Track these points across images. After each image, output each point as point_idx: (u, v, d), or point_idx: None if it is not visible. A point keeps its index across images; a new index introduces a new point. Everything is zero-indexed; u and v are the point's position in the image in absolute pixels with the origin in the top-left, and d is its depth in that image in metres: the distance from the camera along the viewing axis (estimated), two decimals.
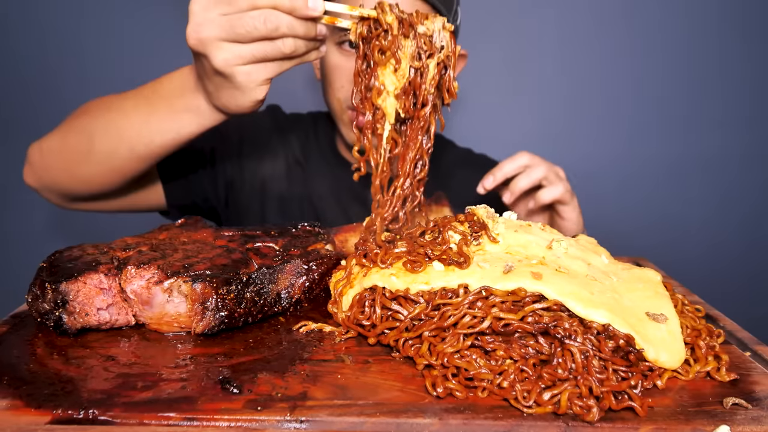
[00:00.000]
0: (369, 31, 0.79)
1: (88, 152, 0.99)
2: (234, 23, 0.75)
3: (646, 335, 0.62)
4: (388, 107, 0.79)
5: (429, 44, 0.79)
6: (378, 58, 0.78)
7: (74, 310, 0.67)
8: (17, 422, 0.53)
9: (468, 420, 0.55)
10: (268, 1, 0.74)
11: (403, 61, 0.78)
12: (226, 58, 0.77)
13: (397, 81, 0.78)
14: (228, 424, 0.53)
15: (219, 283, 0.68)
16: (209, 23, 0.75)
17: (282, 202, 1.29)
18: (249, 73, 0.79)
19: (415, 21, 0.78)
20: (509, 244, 0.73)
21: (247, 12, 0.75)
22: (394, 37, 0.77)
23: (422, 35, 0.78)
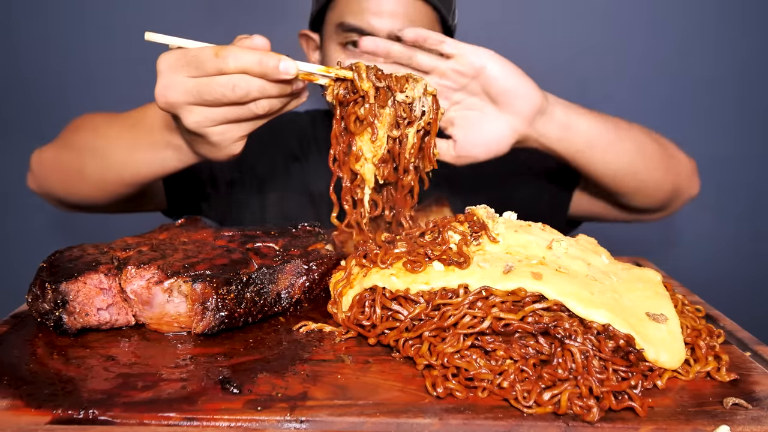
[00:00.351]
0: (346, 94, 0.75)
1: (80, 172, 0.99)
2: (201, 89, 0.71)
3: (646, 335, 0.62)
4: (367, 173, 0.77)
5: (408, 112, 0.75)
6: (354, 127, 0.75)
7: (74, 310, 0.67)
8: (17, 422, 0.53)
9: (468, 420, 0.55)
10: (236, 66, 0.69)
11: (380, 131, 0.75)
12: (197, 121, 0.74)
13: (375, 150, 0.75)
14: (228, 424, 0.53)
15: (219, 283, 0.68)
16: (176, 86, 0.72)
17: (281, 201, 1.28)
18: (222, 133, 0.77)
19: (394, 87, 0.74)
20: (509, 244, 0.73)
21: (214, 77, 0.70)
22: (371, 106, 0.74)
23: (401, 103, 0.75)
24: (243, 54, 0.69)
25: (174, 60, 0.72)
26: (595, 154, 0.98)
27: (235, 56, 0.69)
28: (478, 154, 0.94)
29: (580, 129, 0.95)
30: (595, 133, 0.96)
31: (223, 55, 0.69)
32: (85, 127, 1.02)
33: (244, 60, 0.69)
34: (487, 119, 0.92)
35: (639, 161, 1.02)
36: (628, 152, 1.00)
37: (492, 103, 0.91)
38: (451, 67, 0.88)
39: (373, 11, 1.11)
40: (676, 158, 1.09)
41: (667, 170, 1.07)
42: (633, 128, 1.02)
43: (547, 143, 0.95)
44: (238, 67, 0.69)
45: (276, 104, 0.76)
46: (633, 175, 1.03)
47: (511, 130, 0.91)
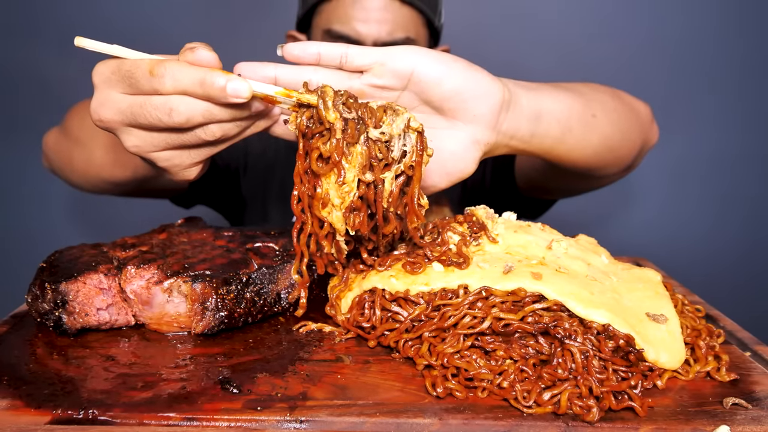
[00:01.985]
0: (310, 125, 0.60)
1: (70, 163, 0.99)
2: (134, 110, 0.58)
3: (646, 336, 0.62)
4: (336, 221, 0.62)
5: (385, 152, 0.60)
6: (316, 167, 0.60)
7: (74, 310, 0.67)
8: (17, 422, 0.53)
9: (468, 420, 0.55)
10: (175, 87, 0.56)
11: (348, 173, 0.59)
12: (137, 145, 0.62)
13: (342, 196, 0.60)
14: (228, 424, 0.53)
15: (219, 283, 0.68)
16: (110, 104, 0.60)
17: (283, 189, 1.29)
18: (169, 159, 0.64)
19: (368, 120, 0.59)
20: (509, 245, 0.73)
21: (149, 97, 0.58)
22: (338, 142, 0.58)
23: (377, 141, 0.59)
24: (182, 71, 0.56)
25: (109, 73, 0.59)
26: (572, 140, 0.79)
27: (172, 75, 0.56)
28: (438, 182, 0.74)
29: (553, 114, 0.75)
30: (568, 115, 0.77)
31: (159, 73, 0.56)
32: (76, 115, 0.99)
33: (184, 80, 0.56)
34: (438, 137, 0.70)
35: (615, 131, 0.86)
36: (603, 125, 0.83)
37: (439, 113, 0.70)
38: (369, 83, 0.66)
39: (360, 18, 1.12)
40: (637, 112, 0.95)
41: (635, 130, 0.94)
42: (597, 92, 0.86)
43: (519, 145, 0.75)
44: (176, 88, 0.57)
45: (231, 129, 0.62)
46: (609, 149, 0.87)
47: (473, 143, 0.71)
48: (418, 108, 0.70)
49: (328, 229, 0.63)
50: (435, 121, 0.70)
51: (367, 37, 1.11)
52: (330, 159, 0.59)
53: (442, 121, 0.70)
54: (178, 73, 0.56)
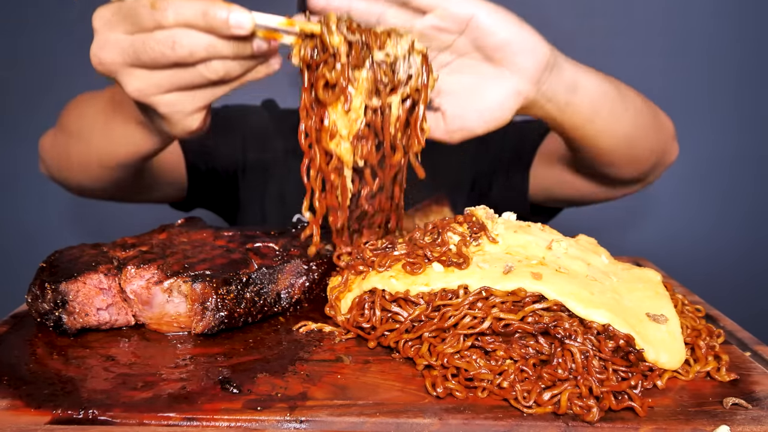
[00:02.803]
0: (314, 54, 0.61)
1: (67, 158, 0.96)
2: (137, 48, 0.58)
3: (646, 336, 0.62)
4: (344, 153, 0.63)
5: (391, 75, 0.62)
6: (323, 95, 0.61)
7: (74, 310, 0.67)
8: (17, 422, 0.53)
9: (468, 420, 0.55)
10: (177, 19, 0.57)
11: (355, 99, 0.61)
12: (139, 88, 0.61)
13: (350, 124, 0.62)
14: (228, 424, 0.53)
15: (219, 283, 0.68)
16: (112, 45, 0.59)
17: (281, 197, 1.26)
18: (172, 104, 0.63)
19: (372, 43, 0.60)
20: (509, 245, 0.73)
21: (152, 33, 0.58)
22: (343, 67, 0.59)
23: (380, 63, 0.61)
24: (185, 4, 0.56)
25: (110, 14, 0.59)
26: (600, 124, 0.84)
27: (175, 7, 0.56)
28: (475, 127, 0.76)
29: (588, 91, 0.80)
30: (601, 98, 0.82)
31: (161, 6, 0.56)
32: (73, 108, 0.96)
33: (186, 11, 0.56)
34: (483, 83, 0.74)
35: (639, 129, 0.92)
36: (630, 120, 0.88)
37: (488, 61, 0.73)
38: (430, 24, 0.68)
39: None
40: (662, 122, 1.01)
41: (657, 138, 0.98)
42: (630, 91, 0.92)
43: (552, 111, 0.79)
44: (178, 21, 0.57)
45: (234, 68, 0.61)
46: (630, 146, 0.92)
47: (515, 93, 0.74)
48: (471, 54, 0.73)
49: (336, 162, 0.64)
50: (484, 69, 0.74)
51: None
52: (336, 86, 0.60)
53: (491, 69, 0.74)
54: (180, 6, 0.56)
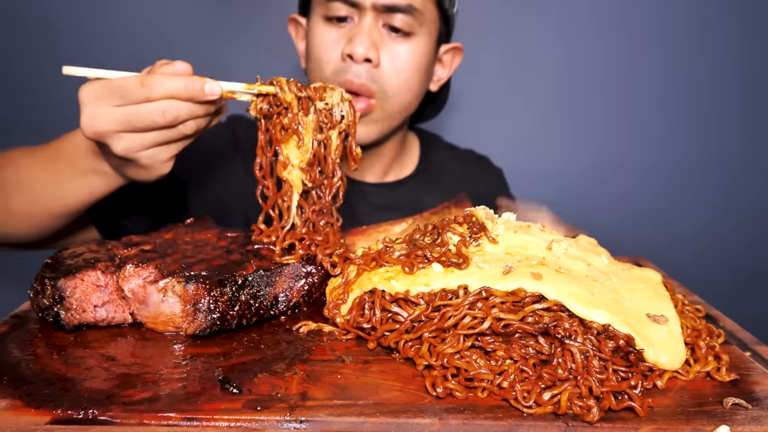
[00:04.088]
0: (270, 108, 0.79)
1: (6, 209, 0.95)
2: (130, 118, 0.72)
3: (646, 336, 0.62)
4: (294, 179, 0.81)
5: (329, 117, 0.82)
6: (280, 135, 0.80)
7: (71, 307, 0.68)
8: (17, 422, 0.53)
9: (468, 420, 0.55)
10: (164, 92, 0.72)
11: (306, 137, 0.80)
12: (127, 147, 0.75)
13: (302, 155, 0.80)
14: (228, 424, 0.53)
15: (212, 285, 0.68)
16: (104, 117, 0.73)
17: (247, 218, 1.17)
18: (152, 156, 0.78)
19: (314, 96, 0.80)
20: (509, 245, 0.73)
21: (142, 105, 0.72)
22: (294, 115, 0.79)
23: (322, 110, 0.81)
24: (168, 80, 0.72)
25: (98, 91, 0.73)
26: None
27: (161, 83, 0.72)
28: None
29: None
30: None
31: (149, 84, 0.71)
32: (4, 163, 0.97)
33: (170, 86, 0.72)
34: None
35: None
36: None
37: None
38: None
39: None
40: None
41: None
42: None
43: None
44: (165, 94, 0.72)
45: (202, 123, 0.79)
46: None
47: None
48: None
49: (287, 188, 0.81)
50: None
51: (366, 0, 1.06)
52: (289, 129, 0.80)
53: None
54: (165, 82, 0.72)
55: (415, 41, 1.11)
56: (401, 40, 1.10)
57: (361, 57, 1.06)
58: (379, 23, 1.08)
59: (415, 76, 1.13)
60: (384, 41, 1.09)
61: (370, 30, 1.07)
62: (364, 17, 1.07)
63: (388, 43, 1.09)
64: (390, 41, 1.09)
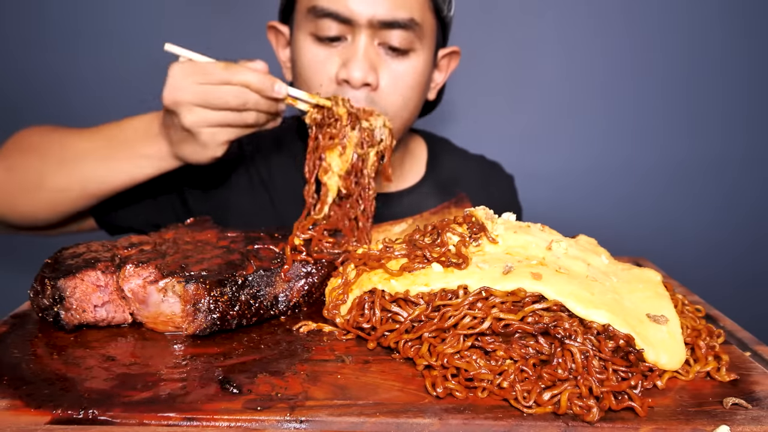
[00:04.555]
0: (322, 119, 0.91)
1: (37, 189, 0.97)
2: (208, 94, 0.84)
3: (646, 336, 0.62)
4: (332, 184, 0.91)
5: (371, 137, 0.93)
6: (327, 142, 0.91)
7: (71, 307, 0.68)
8: (17, 422, 0.53)
9: (468, 420, 0.55)
10: (241, 80, 0.84)
11: (348, 148, 0.91)
12: (195, 120, 0.85)
13: (342, 164, 0.91)
14: (228, 424, 0.53)
15: (212, 285, 0.68)
16: (185, 89, 0.84)
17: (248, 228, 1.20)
18: (213, 134, 0.87)
19: (361, 116, 0.92)
20: (509, 245, 0.73)
21: (220, 86, 0.84)
22: (342, 127, 0.90)
23: (365, 129, 0.92)
24: (247, 72, 0.85)
25: (186, 68, 0.85)
26: None
27: (240, 72, 0.85)
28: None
29: None
30: None
31: (231, 70, 0.84)
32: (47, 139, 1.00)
33: (247, 76, 0.85)
34: None
35: None
36: None
37: None
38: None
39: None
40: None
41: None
42: None
43: None
44: (241, 81, 0.84)
45: (262, 118, 0.90)
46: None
47: None
48: None
49: (325, 192, 0.91)
50: None
51: (360, 17, 0.96)
52: (336, 138, 0.91)
53: None
54: (244, 72, 0.85)
55: (414, 58, 1.03)
56: (400, 58, 1.02)
57: (359, 82, 0.98)
58: (375, 42, 0.99)
59: (414, 94, 1.06)
60: (382, 61, 1.01)
61: (366, 51, 0.98)
62: (359, 36, 0.98)
63: (386, 62, 1.01)
64: (388, 60, 1.01)
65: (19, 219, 1.03)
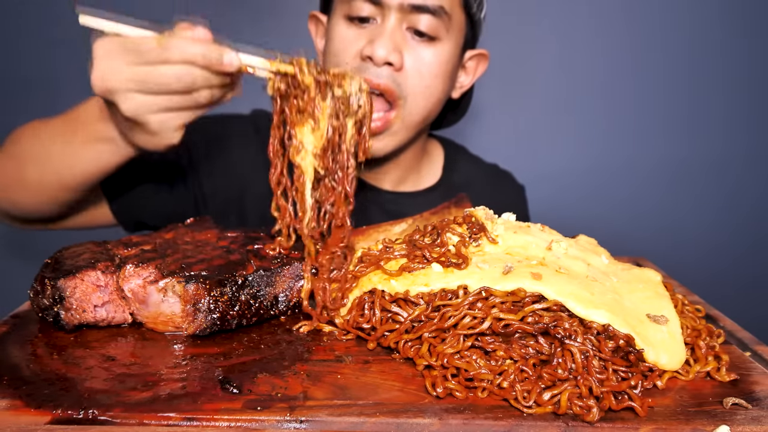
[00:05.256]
0: (287, 88, 0.78)
1: (21, 180, 0.96)
2: (145, 78, 0.70)
3: (646, 336, 0.62)
4: (307, 166, 0.79)
5: (346, 105, 0.79)
6: (295, 117, 0.78)
7: (71, 307, 0.68)
8: (17, 422, 0.53)
9: (468, 420, 0.55)
10: (182, 57, 0.70)
11: (322, 121, 0.78)
12: (137, 109, 0.73)
13: (316, 140, 0.78)
14: (228, 424, 0.53)
15: (212, 285, 0.68)
16: (116, 73, 0.70)
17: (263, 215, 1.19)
18: (163, 122, 0.75)
19: (333, 82, 0.78)
20: (509, 245, 0.73)
21: (158, 66, 0.70)
22: (311, 99, 0.77)
23: (339, 98, 0.79)
24: (187, 45, 0.70)
25: (114, 47, 0.71)
26: None
27: (179, 48, 0.70)
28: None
29: None
30: None
31: (167, 47, 0.69)
32: (24, 133, 0.98)
33: (189, 52, 0.70)
34: None
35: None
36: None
37: None
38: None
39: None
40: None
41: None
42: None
43: None
44: (183, 58, 0.70)
45: (217, 94, 0.76)
46: None
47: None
48: None
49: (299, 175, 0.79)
50: None
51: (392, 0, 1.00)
52: (305, 112, 0.77)
53: None
54: (184, 47, 0.69)
55: (440, 46, 1.05)
56: (426, 44, 1.04)
57: (382, 60, 1.00)
58: (403, 26, 1.03)
59: (438, 83, 1.08)
60: (407, 44, 1.03)
61: (393, 32, 1.02)
62: (388, 18, 1.02)
63: (412, 47, 1.04)
64: (414, 44, 1.04)
65: (17, 211, 1.03)
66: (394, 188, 1.24)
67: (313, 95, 0.77)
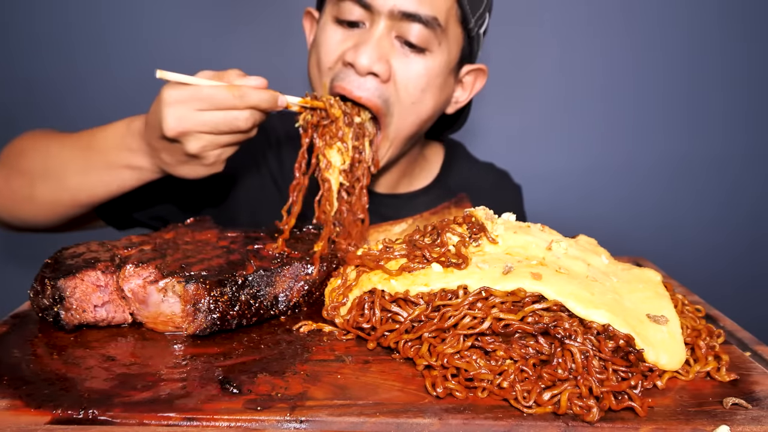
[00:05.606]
0: (319, 120, 0.95)
1: (31, 197, 0.97)
2: (218, 122, 0.82)
3: (646, 336, 0.62)
4: (335, 179, 0.96)
5: (362, 129, 0.99)
6: (327, 142, 0.95)
7: (71, 307, 0.68)
8: (17, 422, 0.53)
9: (468, 420, 0.55)
10: (249, 103, 0.82)
11: (348, 143, 0.96)
12: (203, 146, 0.83)
13: (344, 158, 0.96)
14: (228, 424, 0.53)
15: (212, 285, 0.68)
16: (191, 118, 0.81)
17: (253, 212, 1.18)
18: (219, 154, 0.87)
19: (353, 113, 0.98)
20: (509, 245, 0.73)
21: (230, 111, 0.82)
22: (338, 127, 0.96)
23: (358, 124, 0.98)
24: (255, 93, 0.83)
25: (185, 94, 0.81)
26: None
27: (249, 95, 0.82)
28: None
29: None
30: None
31: (240, 95, 0.82)
32: (32, 148, 0.99)
33: (255, 98, 0.83)
34: None
35: None
36: None
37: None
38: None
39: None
40: None
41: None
42: None
43: None
44: (250, 104, 0.82)
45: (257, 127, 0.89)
46: None
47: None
48: None
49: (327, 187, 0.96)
50: None
51: (383, 3, 0.95)
52: (335, 136, 0.96)
53: None
54: (252, 94, 0.83)
55: (429, 58, 0.99)
56: (414, 55, 0.98)
57: (365, 69, 0.95)
58: (392, 34, 0.97)
59: (427, 98, 1.02)
60: (395, 53, 0.98)
61: (381, 39, 0.96)
62: (377, 24, 0.96)
63: (400, 57, 0.98)
64: (402, 54, 0.98)
65: (21, 224, 1.04)
66: (390, 191, 1.23)
67: (341, 125, 0.95)
